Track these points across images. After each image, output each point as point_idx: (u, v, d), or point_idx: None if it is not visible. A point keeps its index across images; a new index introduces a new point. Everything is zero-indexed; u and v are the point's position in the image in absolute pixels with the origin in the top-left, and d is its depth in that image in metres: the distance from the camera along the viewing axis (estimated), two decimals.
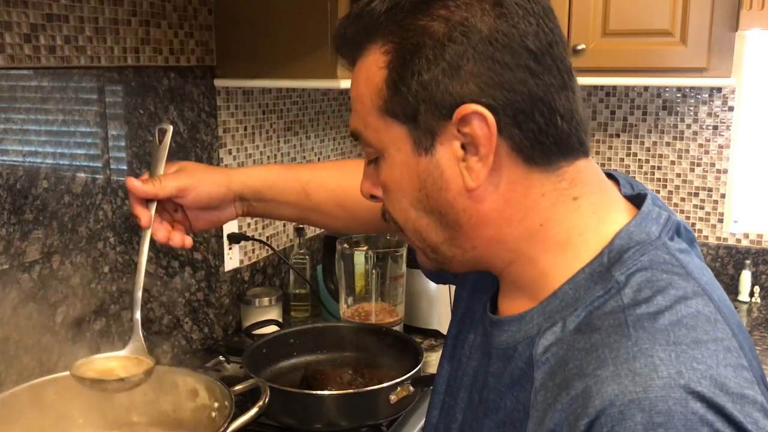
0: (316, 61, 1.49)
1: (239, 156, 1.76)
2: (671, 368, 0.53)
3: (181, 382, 1.16)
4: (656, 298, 0.58)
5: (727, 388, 0.53)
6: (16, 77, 1.21)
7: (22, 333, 1.24)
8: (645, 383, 0.53)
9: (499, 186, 0.64)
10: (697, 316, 0.58)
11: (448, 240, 0.68)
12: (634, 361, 0.54)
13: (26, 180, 1.22)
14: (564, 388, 0.57)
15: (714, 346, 0.56)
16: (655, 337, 0.55)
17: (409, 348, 1.47)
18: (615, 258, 0.62)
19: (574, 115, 0.64)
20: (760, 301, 2.05)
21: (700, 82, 1.85)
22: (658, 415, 0.51)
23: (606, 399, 0.53)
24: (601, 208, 0.66)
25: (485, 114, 0.60)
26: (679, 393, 0.52)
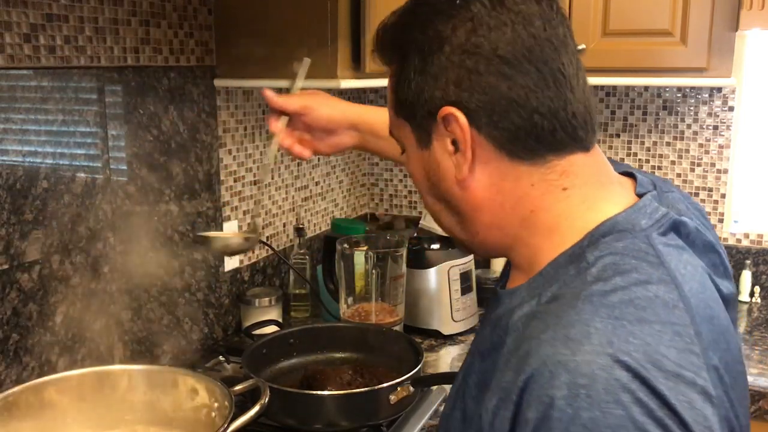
0: (316, 61, 1.49)
1: (239, 156, 1.76)
2: (603, 338, 0.57)
3: (181, 382, 1.16)
4: (615, 278, 0.62)
5: (661, 364, 0.57)
6: (16, 77, 1.21)
7: (22, 333, 1.24)
8: (575, 348, 0.57)
9: (491, 176, 0.71)
10: (653, 299, 0.61)
11: (458, 225, 0.77)
12: (571, 328, 0.59)
13: (26, 180, 1.22)
14: (516, 349, 0.63)
15: (660, 328, 0.59)
16: (598, 310, 0.60)
17: (409, 348, 1.47)
18: (593, 242, 0.67)
19: (559, 113, 0.69)
20: (760, 301, 2.05)
21: (700, 82, 1.85)
22: (581, 377, 0.56)
23: (540, 359, 0.58)
24: (592, 198, 0.71)
25: (458, 115, 0.69)
26: (604, 360, 0.56)
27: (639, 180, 0.76)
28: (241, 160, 1.77)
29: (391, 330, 1.62)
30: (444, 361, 1.68)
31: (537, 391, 0.57)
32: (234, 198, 1.76)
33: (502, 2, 0.69)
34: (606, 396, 0.55)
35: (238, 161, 1.76)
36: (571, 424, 0.55)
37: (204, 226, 1.65)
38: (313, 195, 2.13)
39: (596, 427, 0.54)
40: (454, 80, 0.69)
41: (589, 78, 0.73)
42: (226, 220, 1.73)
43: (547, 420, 0.56)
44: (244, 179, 1.79)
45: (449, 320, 1.80)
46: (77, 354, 1.34)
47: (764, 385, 1.56)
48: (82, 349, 1.35)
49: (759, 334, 1.83)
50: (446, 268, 1.79)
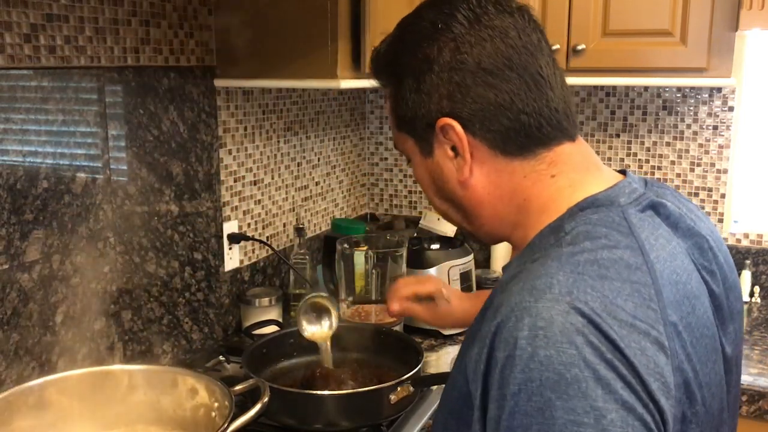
0: (316, 61, 1.49)
1: (239, 156, 1.76)
2: (563, 288, 0.65)
3: (181, 382, 1.16)
4: (584, 242, 0.70)
5: (616, 314, 0.64)
6: (16, 77, 1.21)
7: (22, 333, 1.24)
8: (538, 296, 0.65)
9: (488, 174, 0.80)
10: (617, 261, 0.68)
11: (465, 219, 0.86)
12: (537, 280, 0.66)
13: (26, 180, 1.22)
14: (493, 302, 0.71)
15: (620, 285, 0.66)
16: (564, 266, 0.67)
17: (409, 348, 1.47)
18: (571, 215, 0.75)
19: (543, 110, 0.77)
20: (760, 301, 2.05)
21: (700, 82, 1.85)
22: (541, 320, 0.63)
23: (509, 306, 0.66)
24: (579, 182, 0.79)
25: (453, 124, 0.78)
26: (563, 306, 0.63)
27: (628, 174, 0.82)
28: (241, 160, 1.77)
29: (391, 330, 1.62)
30: (444, 361, 1.68)
31: (505, 334, 0.65)
32: (234, 198, 1.76)
33: (479, 20, 0.77)
34: (561, 337, 0.62)
35: (238, 161, 1.76)
36: (530, 360, 0.62)
37: (202, 242, 1.65)
38: (313, 195, 2.13)
39: (551, 364, 0.61)
40: (446, 95, 0.78)
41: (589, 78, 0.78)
42: (226, 220, 1.73)
43: (511, 358, 0.63)
44: (244, 179, 1.79)
45: None
46: (77, 354, 1.34)
47: (764, 385, 1.56)
48: (82, 349, 1.35)
49: (759, 334, 1.83)
50: (446, 268, 1.79)
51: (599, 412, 0.60)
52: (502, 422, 0.63)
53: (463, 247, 1.89)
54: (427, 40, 0.79)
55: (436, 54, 0.78)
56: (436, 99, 0.78)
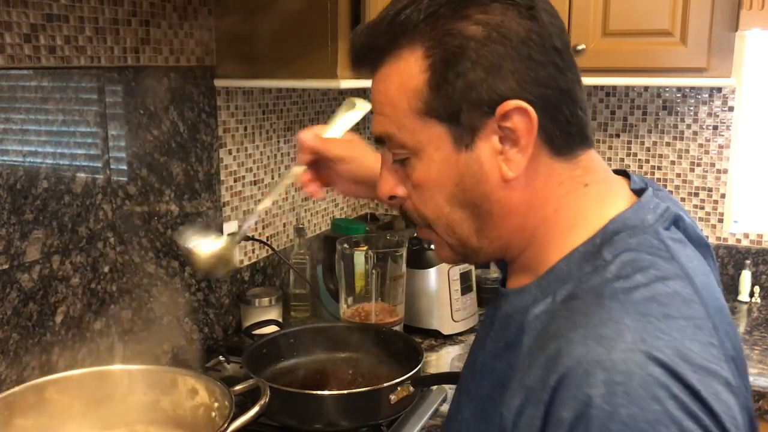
0: (316, 61, 1.49)
1: (239, 156, 1.76)
2: (636, 335, 0.58)
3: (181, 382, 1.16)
4: (636, 275, 0.63)
5: (689, 359, 0.58)
6: (16, 77, 1.21)
7: (22, 333, 1.24)
8: (609, 346, 0.58)
9: (528, 177, 0.69)
10: (673, 295, 0.62)
11: (478, 232, 0.73)
12: (603, 327, 0.59)
13: (26, 180, 1.22)
14: (541, 348, 0.63)
15: (684, 323, 0.61)
16: (626, 308, 0.61)
17: (409, 348, 1.47)
18: (606, 239, 0.68)
19: (586, 107, 0.71)
20: (760, 301, 2.05)
21: (700, 82, 1.85)
22: (618, 375, 0.56)
23: (574, 358, 0.58)
24: (606, 194, 0.72)
25: (527, 108, 0.66)
26: (639, 357, 0.57)
27: (632, 178, 0.77)
28: (241, 160, 1.77)
29: (391, 330, 1.62)
30: (444, 361, 1.68)
31: (572, 390, 0.58)
32: (234, 198, 1.76)
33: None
34: (642, 392, 0.56)
35: (238, 161, 1.76)
36: (610, 421, 0.55)
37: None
38: None
39: (635, 423, 0.55)
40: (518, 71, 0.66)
41: (589, 78, 0.73)
42: (226, 220, 1.73)
43: (583, 418, 0.56)
44: (244, 179, 1.79)
45: (449, 320, 1.80)
46: (77, 354, 1.34)
47: (764, 385, 1.56)
48: (82, 349, 1.35)
49: (759, 334, 1.83)
50: (446, 268, 1.79)
51: None
52: None
53: None
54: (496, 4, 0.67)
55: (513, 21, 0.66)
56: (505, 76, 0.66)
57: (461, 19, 0.67)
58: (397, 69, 0.70)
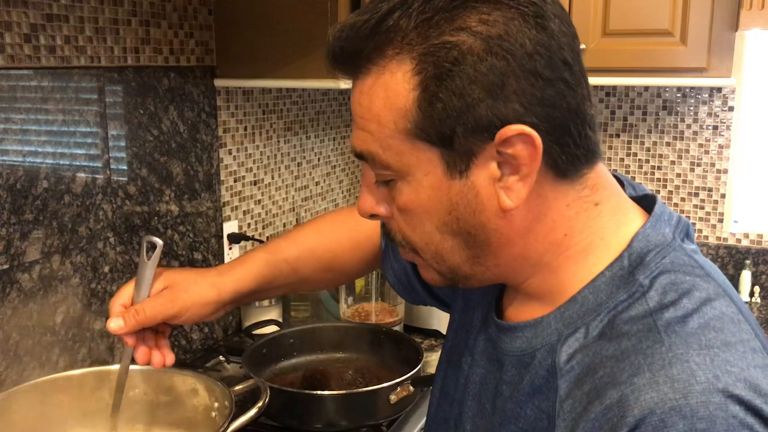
0: (316, 61, 1.49)
1: (239, 156, 1.76)
2: (708, 373, 0.53)
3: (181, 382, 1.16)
4: (682, 300, 0.58)
5: (760, 389, 0.53)
6: (16, 77, 1.21)
7: (22, 333, 1.24)
8: (684, 389, 0.52)
9: (530, 203, 0.62)
10: (722, 318, 0.57)
11: (471, 259, 0.66)
12: (671, 368, 0.53)
13: (26, 180, 1.22)
14: (596, 397, 0.55)
15: (742, 348, 0.56)
16: (688, 341, 0.55)
17: (409, 348, 1.47)
18: (636, 261, 0.61)
19: (594, 123, 0.63)
20: (760, 301, 2.05)
21: (700, 82, 1.85)
22: (700, 421, 0.51)
23: (645, 407, 0.52)
24: (619, 211, 0.65)
25: (532, 134, 0.58)
26: (718, 398, 0.52)
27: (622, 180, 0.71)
28: (241, 160, 1.77)
29: (391, 330, 1.62)
30: None
31: None
32: (234, 198, 1.76)
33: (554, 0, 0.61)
34: None
35: (238, 161, 1.76)
36: None
37: (202, 242, 1.65)
38: (313, 195, 2.13)
39: None
40: (522, 92, 0.58)
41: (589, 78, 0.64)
42: (226, 220, 1.73)
43: None
44: (244, 179, 1.79)
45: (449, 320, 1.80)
46: (77, 354, 1.34)
47: None
48: (82, 349, 1.35)
49: None
50: None
51: None
52: None
53: None
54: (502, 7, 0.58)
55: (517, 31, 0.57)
56: (508, 97, 0.57)
57: (457, 29, 0.58)
58: (383, 83, 0.61)
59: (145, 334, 0.91)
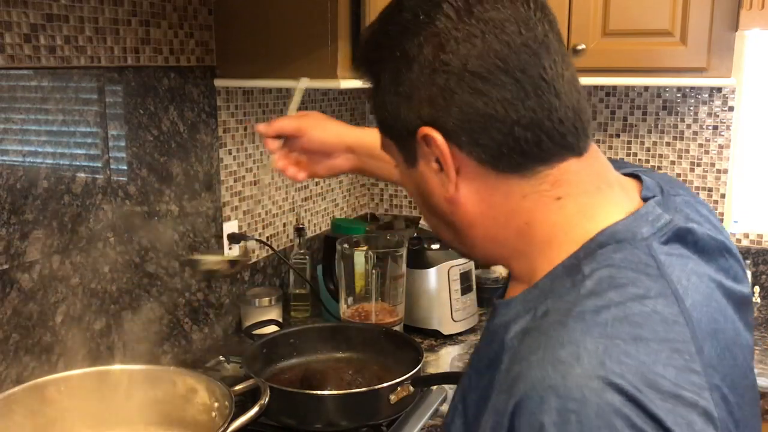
0: (316, 61, 1.49)
1: (239, 156, 1.76)
2: (594, 359, 0.55)
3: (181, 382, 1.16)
4: (609, 293, 0.60)
5: (658, 385, 0.54)
6: (16, 77, 1.21)
7: (22, 333, 1.24)
8: (565, 371, 0.55)
9: (479, 192, 0.68)
10: (650, 315, 0.59)
11: (456, 238, 0.74)
12: (561, 349, 0.56)
13: (26, 180, 1.22)
14: (509, 369, 0.60)
15: (658, 346, 0.57)
16: (591, 329, 0.57)
17: (409, 348, 1.47)
18: (589, 253, 0.64)
19: (543, 123, 0.65)
20: (760, 301, 2.05)
21: (700, 82, 1.85)
22: (572, 402, 0.53)
23: (529, 383, 0.56)
24: (589, 206, 0.68)
25: (435, 136, 0.66)
26: (596, 383, 0.54)
27: (645, 183, 0.72)
28: (241, 160, 1.77)
29: (391, 330, 1.62)
30: (444, 361, 1.68)
31: (527, 416, 0.55)
32: (234, 198, 1.76)
33: (470, 11, 0.64)
34: (597, 421, 0.53)
35: (238, 161, 1.76)
36: None
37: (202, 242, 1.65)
38: (313, 195, 2.13)
39: None
40: (427, 100, 0.66)
41: (589, 78, 0.69)
42: (226, 220, 1.73)
43: None
44: (244, 179, 1.79)
45: (449, 320, 1.80)
46: (77, 354, 1.34)
47: (764, 385, 1.56)
48: (82, 349, 1.35)
49: (759, 334, 1.83)
50: (446, 268, 1.79)
51: None
52: None
53: None
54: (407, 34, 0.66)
55: (416, 51, 0.66)
56: (416, 104, 0.66)
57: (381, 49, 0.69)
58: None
59: (289, 153, 1.15)
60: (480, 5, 0.64)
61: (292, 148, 1.15)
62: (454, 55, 0.64)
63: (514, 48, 0.64)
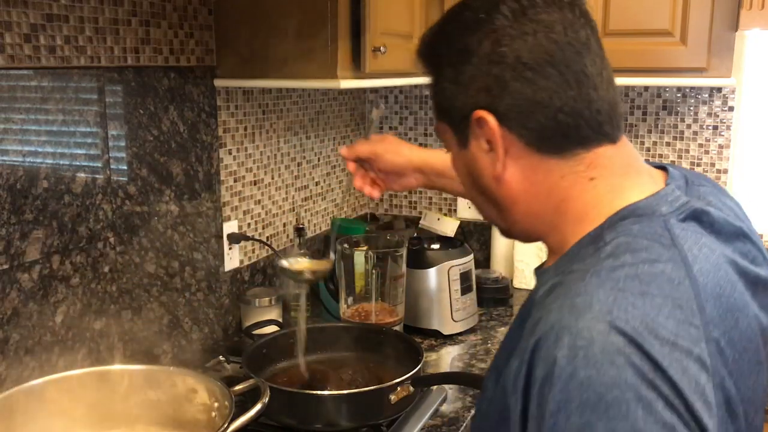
0: (316, 61, 1.49)
1: (239, 156, 1.76)
2: (604, 307, 0.64)
3: (181, 382, 1.16)
4: (624, 256, 0.68)
5: (657, 333, 0.62)
6: (16, 77, 1.21)
7: (22, 333, 1.24)
8: (578, 314, 0.64)
9: (523, 171, 0.78)
10: (659, 276, 0.67)
11: (498, 215, 0.84)
12: (577, 297, 0.66)
13: (26, 180, 1.22)
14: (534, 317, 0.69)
15: (662, 301, 0.65)
16: (604, 283, 0.66)
17: (409, 348, 1.47)
18: (611, 225, 0.73)
19: (583, 111, 0.75)
20: None
21: (700, 82, 1.85)
22: (581, 340, 0.62)
23: (548, 324, 0.65)
24: (619, 187, 0.77)
25: (488, 118, 0.76)
26: (603, 326, 0.62)
27: (671, 173, 0.81)
28: (241, 160, 1.77)
29: (391, 330, 1.62)
30: (444, 361, 1.69)
31: (543, 352, 0.64)
32: (234, 198, 1.76)
33: (524, 13, 0.75)
34: (602, 357, 0.61)
35: (238, 161, 1.76)
36: (570, 380, 0.61)
37: (202, 242, 1.65)
38: (313, 195, 2.13)
39: (591, 385, 0.61)
40: (483, 87, 0.76)
41: None
42: (226, 220, 1.73)
43: (550, 377, 0.63)
44: (244, 179, 1.79)
45: (449, 320, 1.80)
46: (77, 354, 1.34)
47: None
48: (82, 349, 1.35)
49: None
50: (446, 268, 1.80)
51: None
52: None
53: (463, 247, 1.89)
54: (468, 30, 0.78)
55: (476, 45, 0.77)
56: (473, 91, 0.77)
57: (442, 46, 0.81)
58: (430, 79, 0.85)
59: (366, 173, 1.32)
60: (532, 9, 0.75)
61: (370, 168, 1.30)
62: (509, 48, 0.75)
63: (560, 45, 0.75)
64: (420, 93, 2.36)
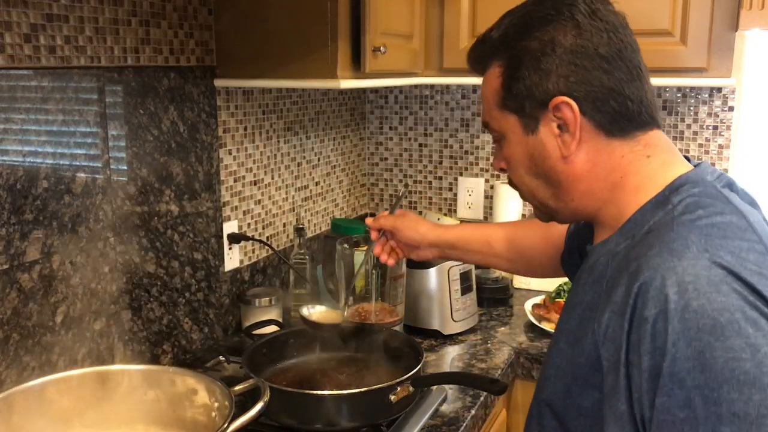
0: (316, 61, 1.49)
1: (239, 156, 1.76)
2: (700, 246, 0.76)
3: (181, 382, 1.16)
4: (697, 211, 0.81)
5: (746, 266, 0.75)
6: (16, 77, 1.21)
7: (22, 333, 1.24)
8: (680, 255, 0.76)
9: (588, 152, 0.89)
10: (729, 224, 0.80)
11: (553, 196, 0.94)
12: (673, 243, 0.77)
13: (26, 180, 1.22)
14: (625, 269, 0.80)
15: (740, 242, 0.78)
16: (692, 229, 0.79)
17: (409, 348, 1.47)
18: (673, 190, 0.85)
19: (643, 99, 0.89)
20: None
21: (700, 82, 1.85)
22: (688, 276, 0.74)
23: (651, 269, 0.76)
24: (669, 162, 0.90)
25: (570, 103, 0.87)
26: (704, 261, 0.75)
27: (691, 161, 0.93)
28: (241, 160, 1.77)
29: (391, 330, 1.62)
30: (444, 361, 1.69)
31: (653, 292, 0.75)
32: (234, 198, 1.76)
33: (596, 13, 0.87)
34: (709, 288, 0.73)
35: (238, 161, 1.76)
36: (685, 311, 0.72)
37: (202, 242, 1.65)
38: (313, 195, 2.13)
39: (705, 312, 0.72)
40: (564, 75, 0.87)
41: None
42: (226, 220, 1.73)
43: (664, 312, 0.73)
44: (244, 179, 1.79)
45: (449, 320, 1.80)
46: (77, 354, 1.34)
47: None
48: (82, 349, 1.35)
49: None
50: (446, 268, 1.79)
51: (754, 347, 0.71)
52: (665, 369, 0.72)
53: None
54: (551, 24, 0.88)
55: (561, 37, 0.87)
56: (554, 79, 0.87)
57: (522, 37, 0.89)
58: (488, 75, 0.95)
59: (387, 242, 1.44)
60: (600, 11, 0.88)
61: (391, 238, 1.43)
62: (591, 42, 0.87)
63: (624, 44, 0.88)
64: (420, 93, 2.36)
